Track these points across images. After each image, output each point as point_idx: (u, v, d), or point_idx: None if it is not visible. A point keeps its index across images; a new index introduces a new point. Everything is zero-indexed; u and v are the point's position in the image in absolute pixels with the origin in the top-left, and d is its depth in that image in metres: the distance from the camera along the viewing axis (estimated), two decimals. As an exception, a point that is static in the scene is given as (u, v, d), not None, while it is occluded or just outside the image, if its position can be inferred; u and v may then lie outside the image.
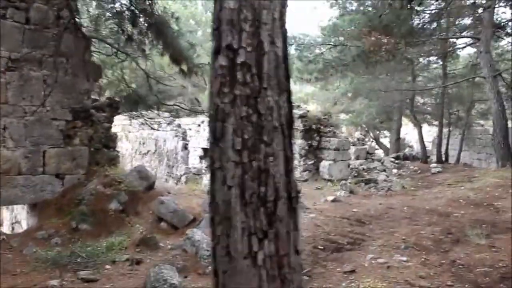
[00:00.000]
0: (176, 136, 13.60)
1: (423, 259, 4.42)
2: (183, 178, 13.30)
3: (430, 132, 25.06)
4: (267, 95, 1.77)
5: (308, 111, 10.10)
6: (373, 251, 4.75)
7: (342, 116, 24.55)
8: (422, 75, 18.64)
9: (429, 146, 20.79)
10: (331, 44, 12.57)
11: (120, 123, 16.52)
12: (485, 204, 7.04)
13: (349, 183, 10.04)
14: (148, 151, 14.96)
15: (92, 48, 7.65)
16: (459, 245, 4.89)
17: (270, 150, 1.77)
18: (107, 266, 4.51)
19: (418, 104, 20.95)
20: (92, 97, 7.70)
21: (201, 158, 20.86)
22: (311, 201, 7.73)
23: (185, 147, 13.46)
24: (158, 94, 33.47)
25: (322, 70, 13.60)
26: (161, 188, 7.10)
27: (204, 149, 20.50)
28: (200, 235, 4.63)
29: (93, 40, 7.32)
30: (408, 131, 28.15)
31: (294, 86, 32.50)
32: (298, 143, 9.84)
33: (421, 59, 17.40)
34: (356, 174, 12.60)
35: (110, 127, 7.68)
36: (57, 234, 5.43)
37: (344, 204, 7.41)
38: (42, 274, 4.24)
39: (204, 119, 21.85)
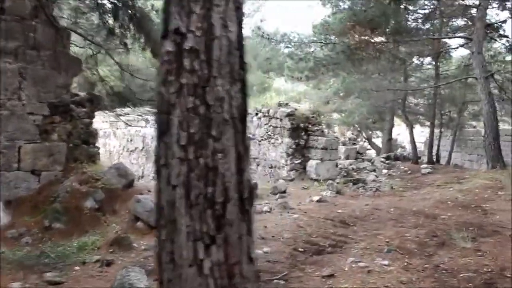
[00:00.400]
0: (164, 133, 13.37)
1: (405, 263, 4.25)
2: (170, 176, 13.08)
3: (423, 133, 24.96)
4: (216, 84, 1.58)
5: (296, 109, 9.93)
6: (355, 254, 4.58)
7: (335, 115, 24.45)
8: (415, 75, 18.53)
9: (421, 147, 20.68)
10: (321, 42, 12.38)
11: (108, 120, 16.30)
12: (473, 206, 6.90)
13: (337, 183, 9.88)
14: (136, 148, 14.74)
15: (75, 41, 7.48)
16: (444, 248, 4.73)
17: (219, 145, 1.58)
18: (76, 268, 4.31)
19: (411, 104, 20.86)
20: (73, 91, 7.52)
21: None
22: (296, 201, 7.58)
23: (173, 144, 13.24)
24: (150, 91, 33.03)
25: (313, 69, 13.43)
26: (142, 186, 6.90)
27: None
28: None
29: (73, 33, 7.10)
30: (401, 132, 28.05)
31: (286, 85, 32.42)
32: (285, 141, 9.67)
33: (414, 59, 17.26)
34: (345, 174, 12.46)
35: (91, 122, 7.46)
36: (29, 233, 5.22)
37: (329, 205, 7.25)
38: (6, 276, 4.03)
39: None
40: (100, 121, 16.71)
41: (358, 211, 6.76)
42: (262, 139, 10.38)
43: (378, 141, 25.62)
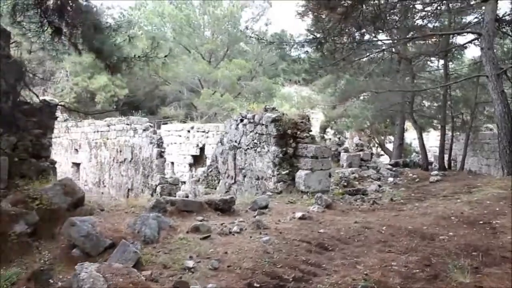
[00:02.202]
0: (151, 143, 12.56)
1: (382, 307, 3.28)
2: (158, 189, 12.25)
3: (439, 137, 23.78)
4: None
5: (283, 114, 8.95)
6: (321, 293, 3.61)
7: (343, 120, 23.41)
8: (422, 76, 17.38)
9: (437, 152, 19.49)
10: (314, 42, 11.40)
11: (99, 130, 15.62)
12: (481, 222, 5.86)
13: (331, 195, 8.90)
14: (125, 159, 13.95)
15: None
16: (436, 283, 3.73)
17: None
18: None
19: (423, 107, 19.72)
20: (23, 99, 6.72)
21: (190, 166, 19.87)
22: (276, 217, 6.62)
23: (160, 154, 12.41)
24: (156, 99, 32.34)
25: (309, 71, 12.47)
26: (94, 204, 6.03)
27: (194, 156, 19.51)
28: (89, 272, 3.53)
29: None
30: (416, 137, 26.84)
31: (287, 89, 31.42)
32: (272, 150, 8.71)
33: (421, 59, 16.14)
34: (345, 184, 11.46)
35: (43, 134, 6.64)
36: None
37: (312, 223, 6.26)
38: None
39: (194, 124, 20.93)
40: (92, 131, 16.05)
41: (344, 230, 5.77)
42: (248, 148, 9.45)
43: (392, 147, 24.47)
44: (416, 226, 5.84)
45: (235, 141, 9.83)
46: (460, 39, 16.10)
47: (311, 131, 8.96)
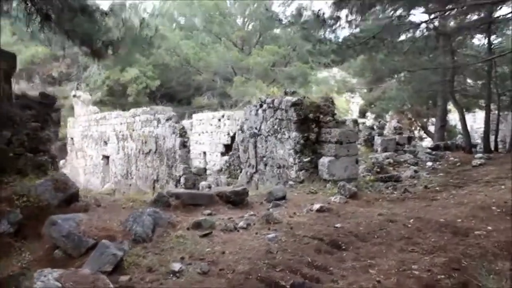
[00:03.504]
0: (173, 133, 12.16)
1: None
2: (182, 179, 11.87)
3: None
4: None
5: (304, 97, 8.24)
6: (320, 306, 2.99)
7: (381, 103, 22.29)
8: (465, 53, 16.04)
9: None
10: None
11: (125, 121, 15.44)
12: (528, 213, 5.01)
13: (361, 183, 8.18)
14: (150, 150, 13.66)
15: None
16: (464, 294, 3.02)
17: None
18: None
19: (466, 86, 18.37)
20: (20, 92, 6.41)
21: (222, 155, 19.43)
22: (291, 210, 5.99)
23: (183, 144, 11.99)
24: (192, 89, 32.07)
25: (336, 51, 11.59)
26: (90, 200, 5.62)
27: (225, 145, 19.06)
28: (46, 281, 3.06)
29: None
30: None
31: (324, 74, 30.35)
32: (292, 136, 8.05)
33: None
34: (378, 170, 10.66)
35: (42, 127, 6.28)
36: None
37: (331, 215, 5.59)
38: None
39: (225, 113, 20.47)
40: (119, 123, 15.91)
41: (364, 224, 5.07)
42: (269, 135, 8.81)
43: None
44: (449, 218, 5.06)
45: (255, 128, 9.22)
46: (505, 10, 14.71)
47: (335, 114, 8.21)
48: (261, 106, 9.07)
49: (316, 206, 5.97)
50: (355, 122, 15.07)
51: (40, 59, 23.54)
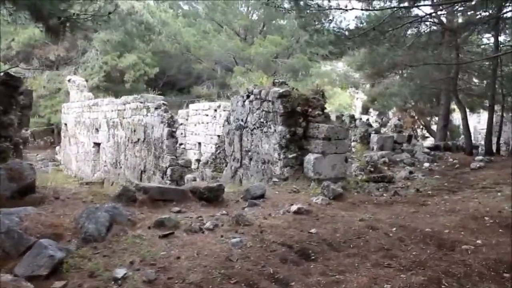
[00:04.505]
0: (161, 122, 11.70)
1: None
2: (168, 171, 11.43)
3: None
4: None
5: (292, 88, 7.75)
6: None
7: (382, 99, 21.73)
8: (470, 51, 15.44)
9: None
10: (341, 9, 9.97)
11: (116, 109, 15.00)
12: (524, 226, 4.53)
13: (351, 182, 7.71)
14: (138, 139, 13.22)
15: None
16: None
17: None
18: None
19: (470, 85, 17.80)
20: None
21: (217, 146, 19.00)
22: (268, 211, 5.54)
23: (171, 134, 11.53)
24: (192, 77, 31.58)
25: (335, 42, 11.07)
26: (49, 192, 5.19)
27: (220, 136, 18.62)
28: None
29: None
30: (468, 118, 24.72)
31: (327, 67, 29.73)
32: (278, 130, 7.58)
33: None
34: (372, 169, 10.18)
35: (4, 111, 5.85)
36: None
37: (308, 219, 5.14)
38: None
39: (221, 103, 19.97)
40: (110, 110, 15.47)
41: (342, 230, 4.61)
42: (255, 128, 8.34)
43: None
44: (436, 228, 4.59)
45: (242, 120, 8.74)
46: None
47: (325, 108, 7.72)
48: (248, 96, 8.59)
49: (294, 207, 5.51)
50: (352, 117, 14.54)
51: (38, 41, 23.04)
